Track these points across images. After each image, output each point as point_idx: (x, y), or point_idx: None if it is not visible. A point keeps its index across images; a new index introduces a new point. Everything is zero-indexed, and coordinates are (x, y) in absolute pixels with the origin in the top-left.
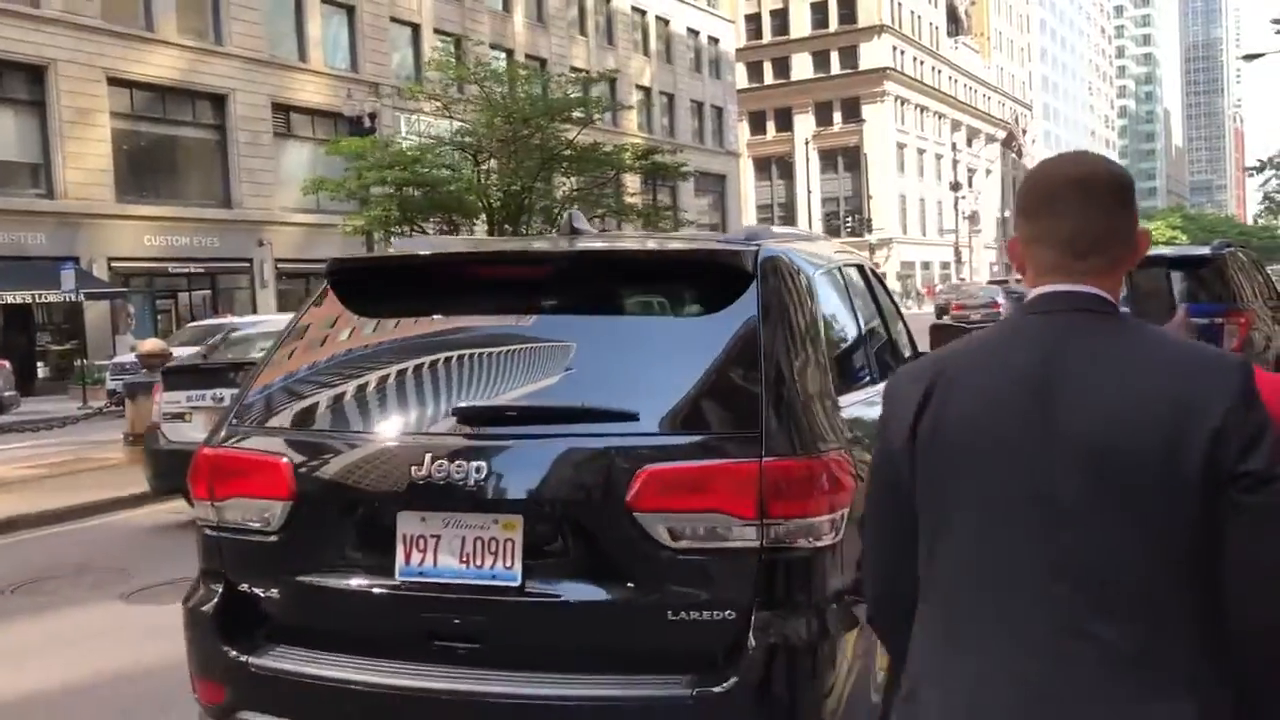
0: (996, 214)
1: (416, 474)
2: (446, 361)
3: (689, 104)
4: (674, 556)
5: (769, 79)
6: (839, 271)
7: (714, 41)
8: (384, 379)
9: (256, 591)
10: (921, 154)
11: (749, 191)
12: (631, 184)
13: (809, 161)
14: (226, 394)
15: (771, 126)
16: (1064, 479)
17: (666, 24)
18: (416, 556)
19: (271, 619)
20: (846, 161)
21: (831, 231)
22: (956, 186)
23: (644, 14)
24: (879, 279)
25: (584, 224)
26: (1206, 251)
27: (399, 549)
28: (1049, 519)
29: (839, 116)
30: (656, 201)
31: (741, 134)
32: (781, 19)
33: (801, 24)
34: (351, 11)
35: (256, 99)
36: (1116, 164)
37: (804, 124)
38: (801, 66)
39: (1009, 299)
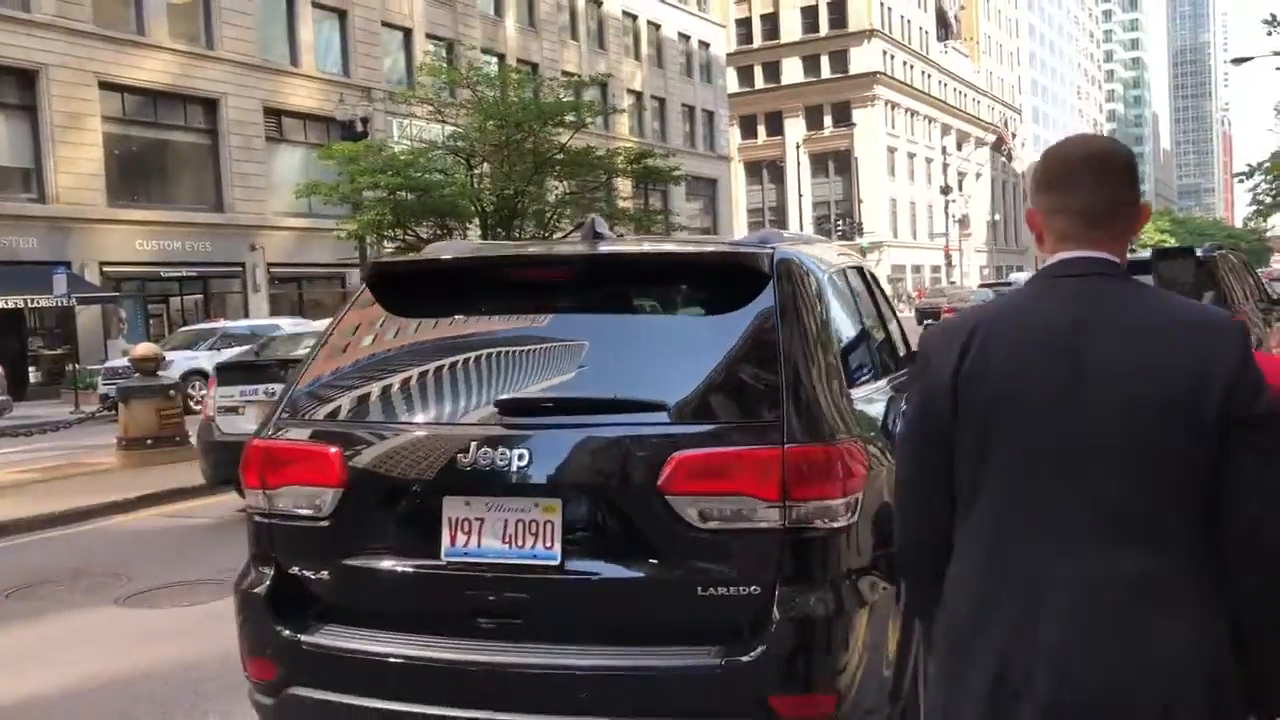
0: (986, 217)
1: (461, 461)
2: (484, 357)
3: (680, 108)
4: (703, 536)
5: (760, 83)
6: (842, 274)
7: (705, 46)
8: (425, 374)
9: (307, 574)
10: (912, 158)
11: (740, 195)
12: (623, 188)
13: (800, 165)
14: (276, 388)
15: (762, 130)
16: (1095, 421)
17: (657, 28)
18: (461, 538)
19: (321, 600)
20: (837, 165)
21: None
22: (947, 190)
23: (635, 18)
24: (876, 281)
25: (605, 229)
26: (1198, 254)
27: (445, 531)
28: (1080, 456)
29: (829, 120)
30: (648, 205)
31: (732, 138)
32: (772, 23)
33: (792, 28)
34: (343, 16)
35: (248, 103)
36: (1122, 144)
37: (795, 128)
38: (792, 71)
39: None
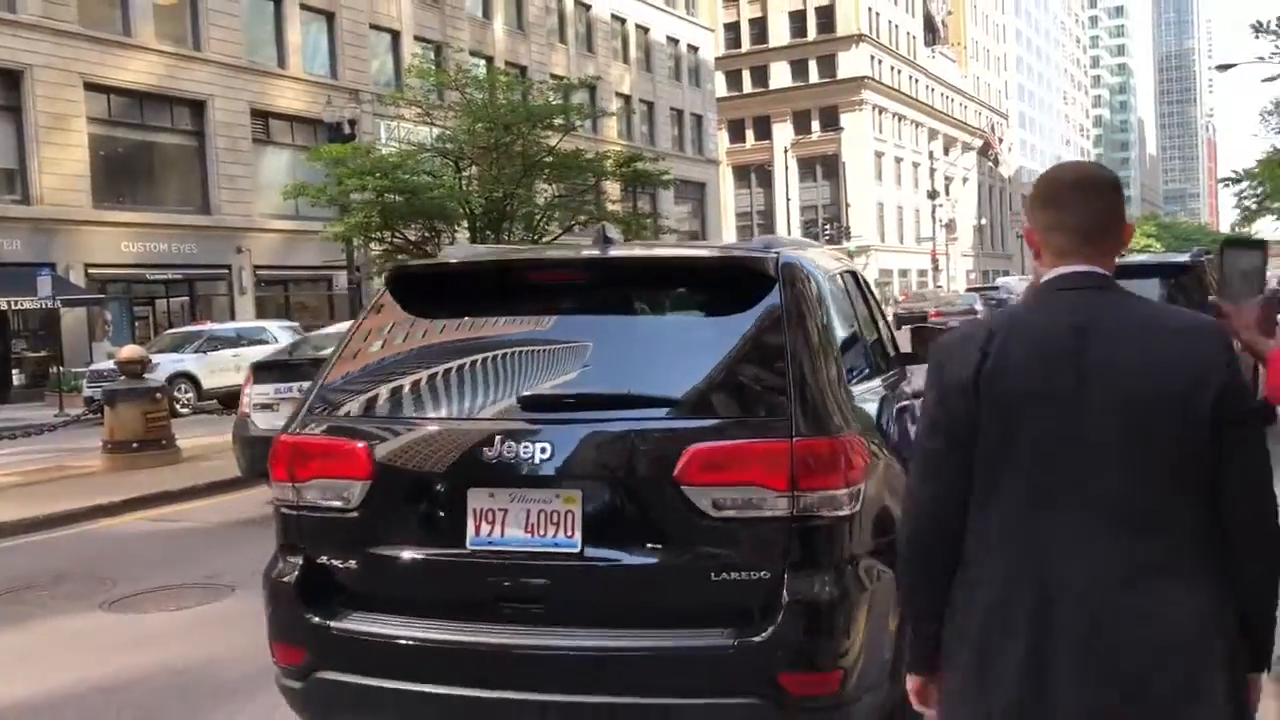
0: (973, 221)
1: (486, 455)
2: (503, 356)
3: (669, 112)
4: (716, 524)
5: (748, 87)
6: (839, 277)
7: (693, 50)
8: (447, 371)
9: (335, 563)
10: (899, 162)
11: (728, 199)
12: (612, 191)
13: (788, 169)
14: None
15: (750, 135)
16: (1100, 420)
17: (646, 32)
18: (486, 528)
19: (349, 587)
20: (825, 169)
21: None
22: (934, 194)
23: (623, 21)
24: (867, 284)
25: (615, 235)
26: (1186, 259)
27: (469, 521)
28: (1089, 451)
29: (817, 125)
30: (637, 209)
31: (721, 142)
32: (760, 28)
33: (780, 33)
34: (331, 18)
35: (235, 105)
36: (1110, 169)
37: (783, 132)
38: (780, 75)
39: (987, 305)
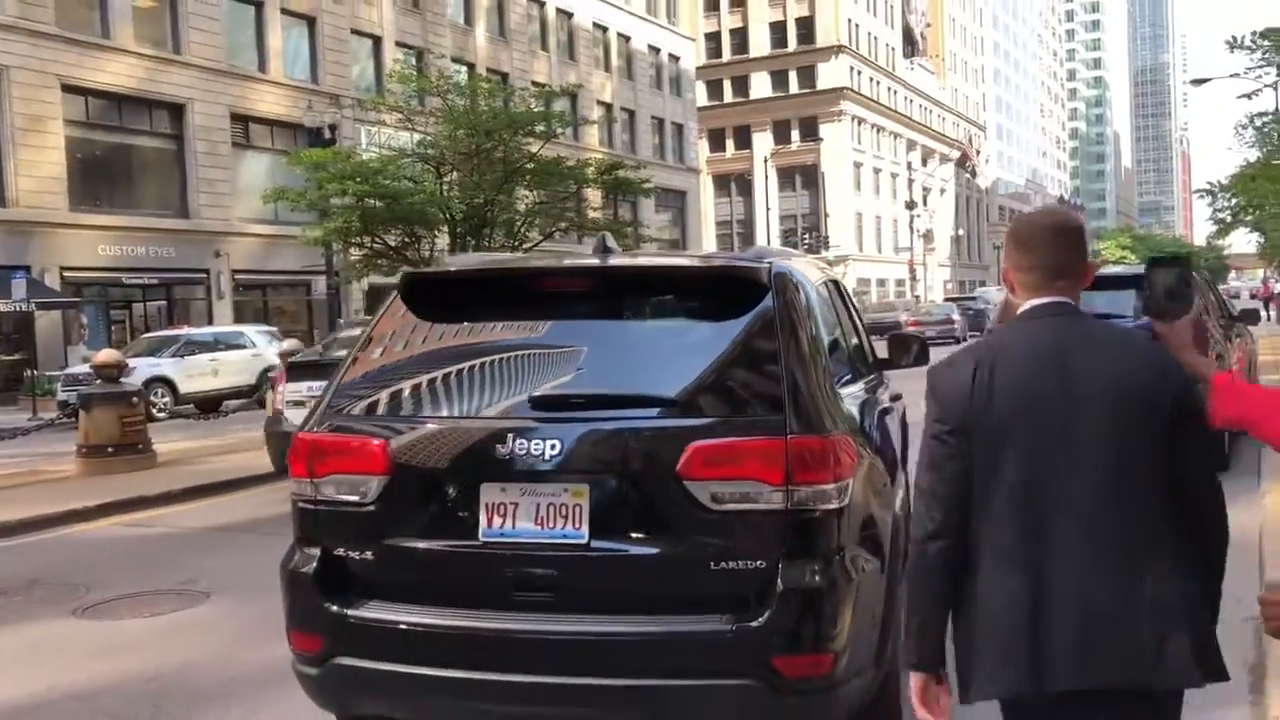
0: (950, 232)
1: (498, 451)
2: (512, 358)
3: (650, 120)
4: (715, 517)
5: (729, 97)
6: (824, 286)
7: (674, 59)
8: (459, 372)
9: (352, 554)
10: (878, 173)
11: (708, 208)
12: (593, 199)
13: (767, 179)
14: None
15: (731, 144)
16: (1084, 424)
17: (627, 41)
18: (498, 520)
19: (365, 577)
20: (804, 179)
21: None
22: (912, 205)
23: (605, 30)
24: (848, 294)
25: (614, 244)
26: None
27: (482, 514)
28: (1077, 447)
29: (797, 135)
30: (618, 216)
31: (701, 151)
32: (741, 38)
33: (761, 43)
34: (312, 23)
35: (215, 109)
36: (1076, 216)
37: (763, 142)
38: (760, 85)
39: (965, 315)
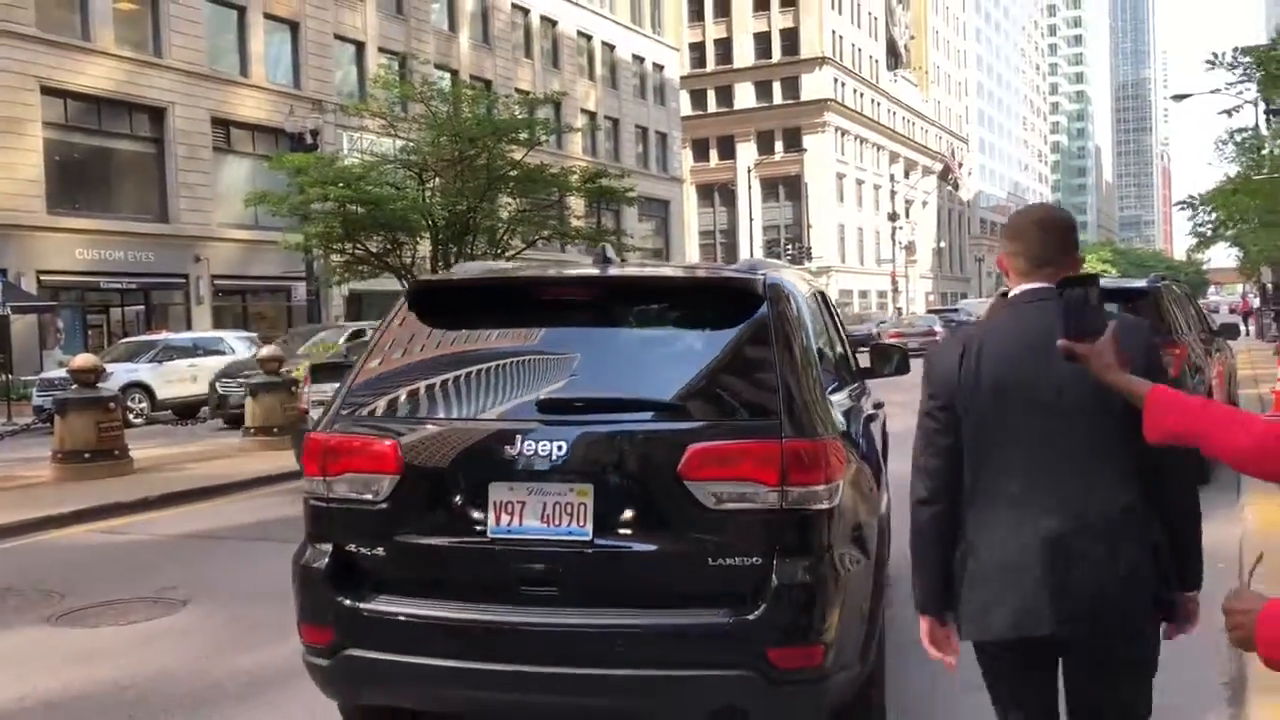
0: (932, 244)
1: (506, 452)
2: (520, 363)
3: (633, 129)
4: (714, 515)
5: (712, 107)
6: (813, 297)
7: (659, 68)
8: (468, 376)
9: (364, 550)
10: (860, 184)
11: (692, 218)
12: (577, 207)
13: (751, 189)
14: None
15: (714, 154)
16: (1066, 395)
17: (612, 49)
18: (505, 518)
19: (376, 573)
20: (787, 190)
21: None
22: (894, 217)
23: (589, 39)
24: (833, 304)
25: (613, 255)
26: (1143, 284)
27: (490, 512)
28: (1061, 418)
29: (780, 145)
30: (601, 225)
31: (685, 161)
32: (725, 48)
33: (745, 54)
34: (295, 27)
35: (196, 113)
36: (1066, 211)
37: (746, 152)
38: (744, 95)
39: (947, 327)
